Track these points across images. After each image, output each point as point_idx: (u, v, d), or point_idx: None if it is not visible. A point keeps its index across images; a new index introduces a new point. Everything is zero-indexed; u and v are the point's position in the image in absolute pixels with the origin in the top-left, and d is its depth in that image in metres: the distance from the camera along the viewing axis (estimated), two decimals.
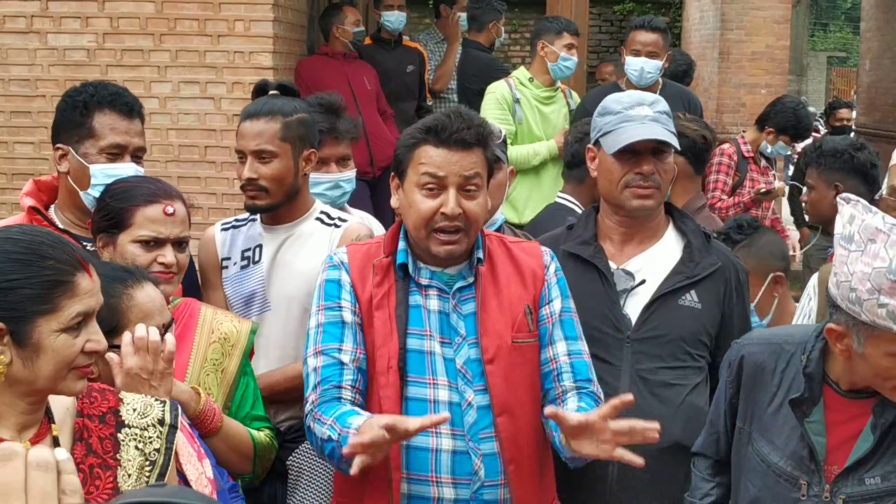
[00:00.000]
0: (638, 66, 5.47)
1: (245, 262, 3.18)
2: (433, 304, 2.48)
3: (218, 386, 2.67)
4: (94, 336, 1.86)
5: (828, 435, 2.31)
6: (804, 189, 3.87)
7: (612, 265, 2.82)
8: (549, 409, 2.29)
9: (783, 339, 2.42)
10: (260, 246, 3.18)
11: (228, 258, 3.19)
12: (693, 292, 2.78)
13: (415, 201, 2.43)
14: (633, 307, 2.78)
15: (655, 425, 2.22)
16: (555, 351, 2.54)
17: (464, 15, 7.05)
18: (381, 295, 2.47)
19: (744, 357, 2.46)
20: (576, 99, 5.78)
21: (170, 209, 2.62)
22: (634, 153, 2.76)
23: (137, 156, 3.05)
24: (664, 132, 2.75)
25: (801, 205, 7.11)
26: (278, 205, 3.14)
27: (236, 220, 3.27)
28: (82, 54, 5.78)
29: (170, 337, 2.27)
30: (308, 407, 2.43)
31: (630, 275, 2.80)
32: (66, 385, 1.85)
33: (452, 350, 2.45)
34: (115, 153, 2.98)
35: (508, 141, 4.91)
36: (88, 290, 1.84)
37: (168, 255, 2.61)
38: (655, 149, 2.75)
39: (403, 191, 2.48)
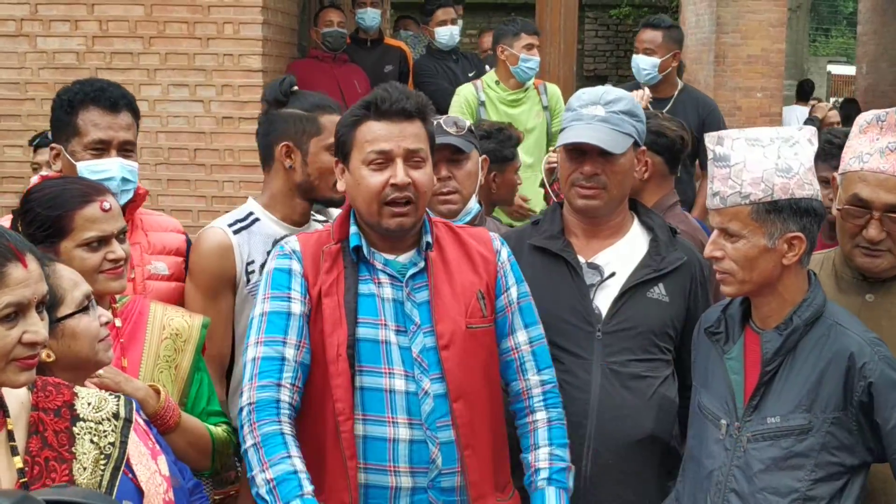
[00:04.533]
0: (635, 63, 5.58)
1: None
2: (387, 292, 2.47)
3: (172, 382, 2.65)
4: (31, 327, 1.84)
5: (747, 375, 2.44)
6: None
7: (581, 259, 2.82)
8: None
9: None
10: None
11: (252, 261, 3.07)
12: (661, 285, 2.79)
13: (363, 177, 2.43)
14: (603, 300, 2.78)
15: None
16: (516, 340, 2.58)
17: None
18: (330, 282, 2.45)
19: (701, 321, 2.64)
20: (551, 94, 5.72)
21: (106, 205, 2.57)
22: (582, 152, 2.76)
23: (126, 149, 3.04)
24: (605, 135, 2.72)
25: None
26: None
27: (238, 220, 3.12)
28: (72, 57, 5.81)
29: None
30: (244, 402, 2.37)
31: (597, 269, 2.80)
32: (7, 377, 1.84)
33: (408, 339, 2.44)
34: (100, 148, 2.99)
35: None
36: (21, 281, 1.82)
37: (117, 249, 2.57)
38: (603, 150, 2.73)
39: (350, 172, 2.48)
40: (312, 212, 3.26)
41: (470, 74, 6.89)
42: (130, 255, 2.67)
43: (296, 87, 3.18)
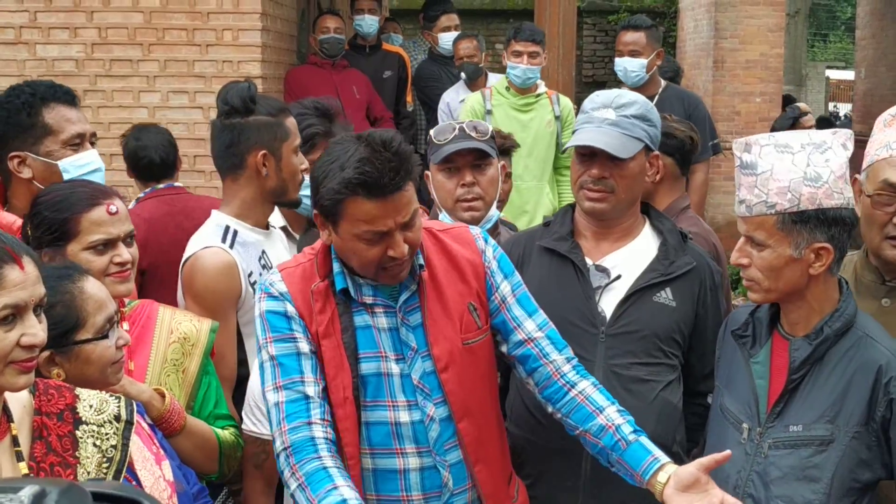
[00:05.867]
0: (622, 66, 5.58)
1: (266, 272, 3.07)
2: (382, 321, 2.39)
3: (179, 386, 2.65)
4: (29, 330, 1.83)
5: (772, 380, 2.41)
6: None
7: (588, 261, 2.81)
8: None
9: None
10: (265, 251, 3.15)
11: (251, 272, 3.05)
12: (668, 290, 2.77)
13: (357, 250, 2.31)
14: (608, 303, 2.77)
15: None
16: (526, 331, 2.50)
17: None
18: (326, 323, 2.36)
19: (728, 322, 2.61)
20: (563, 105, 5.71)
21: (112, 208, 2.58)
22: (591, 155, 2.74)
23: (92, 141, 3.05)
24: (613, 139, 2.70)
25: None
26: None
27: (223, 236, 3.07)
28: (71, 65, 5.82)
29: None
30: (279, 448, 2.30)
31: (605, 271, 2.79)
32: (6, 380, 1.83)
33: (407, 365, 2.39)
34: (78, 143, 2.98)
35: None
36: (18, 283, 1.81)
37: (123, 253, 2.58)
38: (611, 153, 2.71)
39: (337, 236, 2.33)
40: None
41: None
42: (136, 258, 2.67)
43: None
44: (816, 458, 2.31)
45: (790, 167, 2.28)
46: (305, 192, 3.32)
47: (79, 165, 2.95)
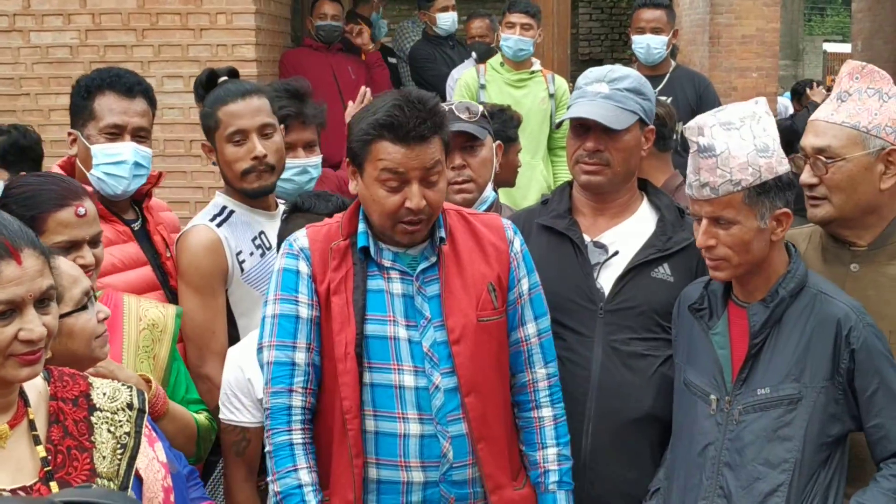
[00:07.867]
0: (644, 43, 5.51)
1: (260, 251, 3.13)
2: (396, 287, 2.45)
3: (151, 372, 2.65)
4: (27, 324, 1.83)
5: (733, 349, 2.49)
6: None
7: (586, 238, 2.82)
8: None
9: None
10: (263, 232, 3.16)
11: (241, 251, 3.10)
12: (666, 265, 2.79)
13: (377, 196, 2.38)
14: (607, 279, 2.78)
15: None
16: (526, 332, 2.57)
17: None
18: (339, 280, 2.43)
19: (681, 299, 2.66)
20: (558, 83, 5.68)
21: (81, 210, 2.55)
22: (586, 129, 2.76)
23: (140, 136, 3.09)
24: (607, 111, 2.71)
25: None
26: (275, 185, 3.19)
27: (216, 215, 3.14)
28: (65, 51, 5.80)
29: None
30: (264, 406, 2.46)
31: (603, 247, 2.81)
32: (7, 372, 1.84)
33: (418, 333, 2.43)
34: (114, 132, 3.04)
35: None
36: (14, 279, 1.81)
37: (87, 255, 2.55)
38: (606, 126, 2.72)
39: (363, 182, 2.42)
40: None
41: (466, 60, 6.94)
42: (101, 260, 2.66)
43: (223, 78, 3.19)
44: (787, 417, 2.39)
45: (741, 142, 2.38)
46: (286, 178, 3.34)
47: (107, 154, 3.01)
